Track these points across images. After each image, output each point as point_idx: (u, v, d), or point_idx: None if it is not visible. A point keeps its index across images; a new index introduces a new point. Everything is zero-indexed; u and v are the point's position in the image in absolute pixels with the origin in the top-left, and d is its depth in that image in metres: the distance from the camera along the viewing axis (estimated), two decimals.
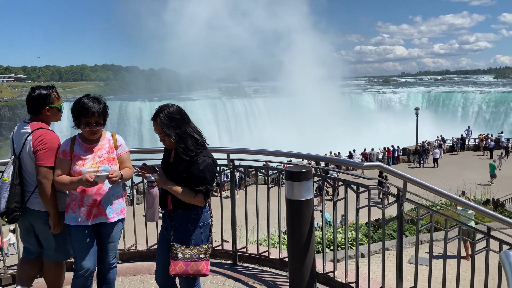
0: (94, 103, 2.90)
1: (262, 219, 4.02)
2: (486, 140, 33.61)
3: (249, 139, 57.81)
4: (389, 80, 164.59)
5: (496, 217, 3.27)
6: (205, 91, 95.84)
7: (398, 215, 3.14)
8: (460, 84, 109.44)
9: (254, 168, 3.93)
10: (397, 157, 31.86)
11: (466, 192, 17.08)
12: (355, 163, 3.26)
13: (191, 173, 2.64)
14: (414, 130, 35.62)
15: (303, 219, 3.21)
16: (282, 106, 63.30)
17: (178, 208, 2.71)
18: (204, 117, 62.11)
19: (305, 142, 47.10)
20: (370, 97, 76.05)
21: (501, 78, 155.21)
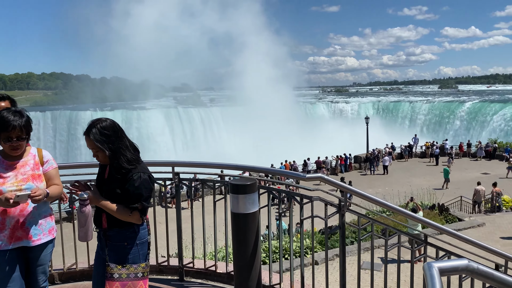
0: (15, 116, 2.67)
1: (210, 233, 3.97)
2: (432, 147, 35.36)
3: (205, 150, 57.35)
4: (342, 90, 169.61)
5: (427, 223, 3.41)
6: (160, 100, 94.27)
7: (340, 225, 3.20)
8: (407, 94, 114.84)
9: (200, 181, 3.88)
10: (349, 165, 32.80)
11: (414, 198, 17.85)
12: (297, 175, 3.29)
13: (126, 190, 2.55)
14: (365, 138, 36.84)
15: (249, 232, 3.20)
16: (239, 115, 63.47)
17: (114, 226, 2.61)
18: (159, 127, 61.01)
19: (261, 151, 47.49)
20: (324, 107, 78.04)
21: (445, 88, 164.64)
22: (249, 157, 44.77)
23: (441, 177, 28.41)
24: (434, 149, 34.30)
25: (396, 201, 20.10)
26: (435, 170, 31.28)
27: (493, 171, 29.44)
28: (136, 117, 61.86)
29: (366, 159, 33.32)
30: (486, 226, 15.00)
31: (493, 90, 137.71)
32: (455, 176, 27.94)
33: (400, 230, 3.26)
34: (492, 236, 14.01)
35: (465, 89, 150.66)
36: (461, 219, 15.92)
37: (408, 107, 70.38)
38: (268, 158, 35.16)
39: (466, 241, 3.30)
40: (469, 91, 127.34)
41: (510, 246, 12.89)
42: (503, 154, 33.00)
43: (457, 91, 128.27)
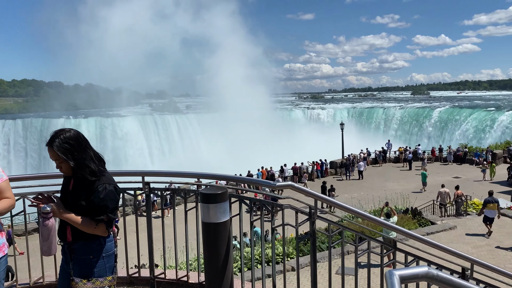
0: None
1: (182, 243, 3.92)
2: (405, 152, 36.12)
3: (183, 157, 56.83)
4: (317, 97, 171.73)
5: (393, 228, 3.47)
6: (135, 107, 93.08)
7: (311, 232, 3.22)
8: (381, 100, 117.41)
9: (171, 191, 3.83)
10: (325, 170, 33.12)
11: (389, 203, 18.15)
12: (268, 183, 3.30)
13: (91, 202, 2.50)
14: (340, 143, 37.30)
15: (220, 242, 3.17)
16: (216, 121, 63.29)
17: (79, 239, 2.54)
18: (134, 134, 60.13)
19: (239, 157, 47.40)
20: (300, 113, 78.75)
21: (417, 94, 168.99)
22: (227, 163, 44.69)
23: (414, 181, 29.07)
24: (407, 154, 35.05)
25: (371, 205, 20.45)
26: (409, 174, 31.95)
27: (464, 174, 30.29)
28: (111, 125, 60.80)
29: (341, 165, 33.74)
30: (458, 229, 15.38)
31: (463, 96, 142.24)
32: (428, 180, 28.58)
33: (370, 236, 3.31)
34: (463, 238, 14.38)
35: (437, 95, 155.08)
36: (433, 223, 16.28)
37: (382, 113, 71.87)
38: (246, 164, 35.16)
39: (433, 246, 3.37)
40: (440, 97, 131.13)
41: (481, 248, 13.27)
42: (473, 158, 34.02)
43: (429, 97, 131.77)
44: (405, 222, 15.77)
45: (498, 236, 14.37)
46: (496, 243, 13.65)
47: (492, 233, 14.36)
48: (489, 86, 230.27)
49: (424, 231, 15.02)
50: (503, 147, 35.63)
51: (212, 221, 3.10)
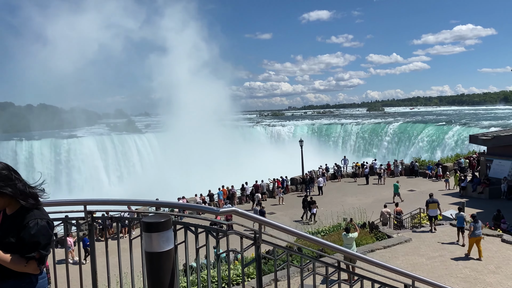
0: None
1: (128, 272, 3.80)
2: (362, 167, 37.10)
3: (142, 178, 55.53)
4: (278, 114, 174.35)
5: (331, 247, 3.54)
6: (92, 127, 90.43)
7: (256, 257, 3.22)
8: (339, 116, 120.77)
9: (115, 220, 3.73)
10: (286, 187, 33.35)
11: (352, 219, 18.50)
12: (211, 209, 3.28)
13: (21, 238, 2.38)
14: (300, 160, 37.77)
15: (164, 272, 3.10)
16: (175, 140, 62.40)
17: (8, 278, 2.41)
18: (91, 155, 58.23)
19: (200, 176, 46.87)
20: (261, 130, 79.41)
21: (372, 110, 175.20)
22: (187, 182, 44.05)
23: (371, 195, 29.85)
24: (364, 169, 36.02)
25: (329, 221, 20.74)
26: (366, 189, 32.76)
27: (418, 187, 31.43)
28: (66, 146, 58.62)
29: (302, 181, 34.14)
30: (413, 242, 15.85)
31: (416, 111, 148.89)
32: (384, 194, 29.42)
33: (315, 258, 3.35)
34: (418, 250, 14.83)
35: (391, 111, 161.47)
36: (390, 236, 16.68)
37: (340, 129, 73.81)
38: (207, 183, 34.82)
39: (376, 265, 3.45)
40: (394, 113, 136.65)
41: (434, 259, 13.73)
42: (426, 172, 35.43)
43: (383, 113, 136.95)
44: (362, 237, 16.08)
45: (451, 247, 14.96)
46: (449, 254, 14.18)
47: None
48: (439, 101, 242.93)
49: (381, 244, 15.38)
50: (453, 160, 37.37)
51: (155, 251, 3.03)
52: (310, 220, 24.62)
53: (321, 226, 19.91)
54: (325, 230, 18.82)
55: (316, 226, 21.47)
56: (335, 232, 17.71)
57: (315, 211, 24.86)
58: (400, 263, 13.34)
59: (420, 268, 12.78)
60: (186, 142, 60.04)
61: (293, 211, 27.45)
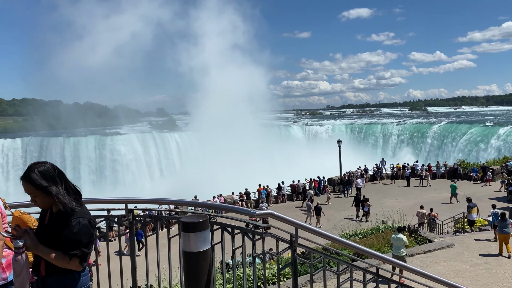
0: None
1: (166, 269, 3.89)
2: (403, 169, 36.07)
3: (181, 175, 56.68)
4: (316, 113, 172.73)
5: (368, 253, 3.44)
6: (135, 125, 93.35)
7: (292, 261, 3.20)
8: (379, 116, 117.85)
9: (155, 218, 3.83)
10: (323, 187, 32.97)
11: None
12: (247, 211, 3.29)
13: (65, 236, 2.47)
14: (338, 160, 37.25)
15: (200, 272, 3.14)
16: (214, 139, 63.18)
17: (52, 274, 2.51)
18: (133, 152, 60.12)
19: (237, 175, 47.19)
20: (298, 129, 78.85)
21: (415, 110, 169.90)
22: (225, 181, 44.47)
23: (412, 198, 28.98)
24: (405, 171, 35.02)
25: (364, 225, 20.33)
26: (407, 191, 31.83)
27: (462, 191, 30.14)
28: (110, 143, 60.86)
29: (340, 182, 33.64)
30: (455, 247, 15.24)
31: (461, 111, 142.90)
32: (426, 197, 28.49)
33: (352, 264, 3.29)
34: (461, 256, 14.24)
35: (434, 111, 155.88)
36: (431, 240, 16.12)
37: (380, 129, 72.01)
38: (245, 181, 35.04)
39: (414, 272, 3.34)
40: (437, 113, 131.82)
41: (479, 266, 13.14)
42: (471, 174, 33.95)
43: (426, 113, 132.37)
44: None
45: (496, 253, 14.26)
46: (495, 261, 13.53)
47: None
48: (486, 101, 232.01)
49: (421, 249, 14.89)
50: (500, 162, 35.59)
51: (192, 250, 3.08)
52: (363, 218, 24.76)
53: (359, 229, 19.54)
54: (363, 232, 18.44)
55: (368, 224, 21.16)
56: (374, 235, 17.31)
57: (367, 209, 24.79)
58: (442, 269, 12.85)
59: (463, 275, 12.27)
60: (224, 141, 60.64)
61: (340, 209, 27.12)
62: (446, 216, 20.88)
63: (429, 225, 20.30)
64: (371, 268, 3.47)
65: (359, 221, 24.13)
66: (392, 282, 3.29)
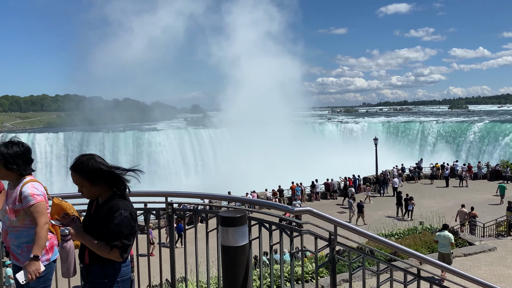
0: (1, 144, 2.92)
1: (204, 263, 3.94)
2: (442, 169, 34.91)
3: (215, 171, 57.36)
4: (351, 110, 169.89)
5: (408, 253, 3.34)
6: (171, 121, 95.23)
7: (331, 259, 3.16)
8: (418, 114, 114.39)
9: (193, 212, 3.88)
10: (358, 186, 32.43)
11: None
12: (286, 208, 3.27)
13: (106, 227, 2.54)
14: (374, 159, 36.49)
15: (238, 266, 3.16)
16: (247, 135, 63.43)
17: (95, 262, 2.59)
18: (169, 148, 61.41)
19: (270, 172, 47.23)
20: (333, 127, 77.80)
21: (455, 108, 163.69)
22: (258, 178, 44.61)
23: (451, 199, 28.02)
24: (445, 171, 33.89)
25: (405, 224, 19.84)
26: (446, 192, 30.80)
27: (506, 192, 28.85)
28: (147, 138, 62.45)
29: (376, 181, 32.97)
30: (498, 251, 14.60)
31: (505, 110, 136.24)
32: (465, 198, 27.48)
33: (393, 265, 3.21)
34: (503, 261, 13.64)
35: (476, 109, 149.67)
36: (471, 243, 15.51)
37: (418, 127, 69.86)
38: (277, 178, 34.96)
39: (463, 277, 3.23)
40: (479, 111, 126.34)
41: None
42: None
43: (467, 111, 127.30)
44: None
45: None
46: None
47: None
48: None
49: (461, 251, 14.36)
50: None
51: (230, 245, 3.11)
52: (406, 217, 24.42)
53: (395, 229, 19.08)
54: (399, 233, 17.99)
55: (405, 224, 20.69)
56: (410, 235, 16.86)
57: (411, 207, 24.35)
58: (483, 273, 12.35)
59: (506, 281, 11.74)
60: (256, 137, 60.75)
61: (376, 209, 26.64)
62: (488, 219, 20.04)
63: (470, 226, 19.58)
64: (410, 268, 3.38)
65: (402, 220, 23.66)
66: (435, 284, 3.19)
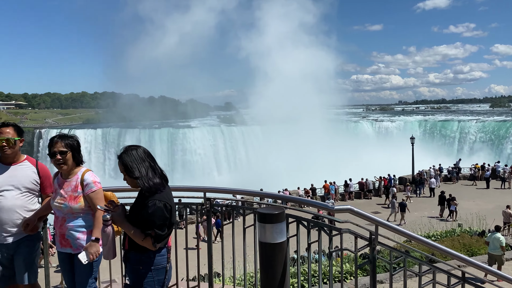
0: (60, 137, 3.12)
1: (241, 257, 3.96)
2: (483, 169, 33.58)
3: (247, 169, 57.64)
4: (386, 109, 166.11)
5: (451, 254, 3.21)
6: (204, 119, 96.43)
7: (371, 259, 3.10)
8: (456, 112, 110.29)
9: (231, 208, 3.91)
10: (393, 186, 31.68)
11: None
12: (325, 206, 3.24)
13: (141, 216, 2.65)
14: (410, 158, 35.55)
15: (276, 263, 3.15)
16: (279, 133, 63.24)
17: (132, 249, 2.73)
18: (202, 145, 62.27)
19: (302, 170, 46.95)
20: (368, 125, 76.33)
21: (496, 107, 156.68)
22: (289, 175, 44.48)
23: (492, 201, 26.91)
24: (485, 172, 32.57)
25: (442, 225, 19.25)
26: (486, 193, 29.62)
27: None
28: (181, 135, 63.60)
29: (412, 181, 32.10)
30: None
31: None
32: (508, 200, 26.27)
33: (436, 267, 3.11)
34: None
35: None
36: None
37: (457, 126, 67.41)
38: (309, 177, 34.70)
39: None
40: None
41: None
42: None
43: (510, 110, 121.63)
44: (481, 246, 14.58)
45: None
46: None
47: None
48: None
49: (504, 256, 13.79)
50: None
51: (268, 241, 3.10)
52: (449, 217, 23.84)
53: (432, 230, 18.56)
54: (436, 235, 17.47)
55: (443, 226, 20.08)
56: (448, 238, 16.34)
57: (454, 208, 23.74)
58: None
59: None
60: (289, 135, 60.51)
61: (412, 209, 25.98)
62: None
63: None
64: (453, 271, 3.27)
65: (446, 221, 23.06)
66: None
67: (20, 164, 3.36)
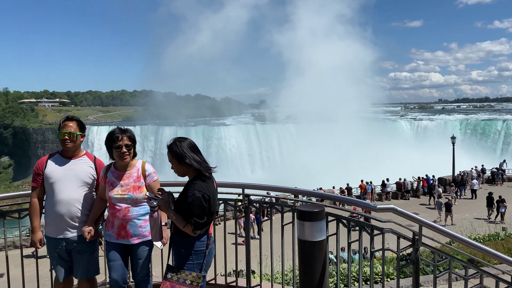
0: (121, 130, 3.27)
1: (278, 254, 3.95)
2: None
3: (280, 167, 57.51)
4: (426, 107, 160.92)
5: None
6: (239, 117, 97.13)
7: (414, 260, 3.01)
8: (501, 111, 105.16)
9: (269, 204, 3.90)
10: (432, 187, 30.68)
11: None
12: (368, 205, 3.17)
13: (182, 204, 2.87)
14: (450, 158, 34.30)
15: (315, 261, 3.12)
16: (314, 131, 62.62)
17: (176, 233, 2.95)
18: (236, 143, 62.69)
19: (337, 169, 46.37)
20: (406, 124, 74.26)
21: None
22: (324, 175, 44.01)
23: None
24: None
25: (485, 228, 18.44)
26: None
27: None
28: (217, 133, 64.32)
29: (453, 182, 30.96)
30: None
31: None
32: None
33: (484, 271, 2.97)
34: None
35: None
36: None
37: (501, 126, 64.32)
38: (344, 175, 34.22)
39: None
40: None
41: None
42: None
43: None
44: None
45: None
46: None
47: None
48: None
49: None
50: None
51: (307, 239, 3.07)
52: (497, 219, 23.01)
53: (474, 234, 17.81)
54: (479, 238, 16.76)
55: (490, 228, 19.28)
56: (491, 242, 15.63)
57: (504, 210, 22.85)
58: None
59: None
60: (324, 134, 59.86)
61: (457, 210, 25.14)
62: None
63: None
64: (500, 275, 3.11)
65: (492, 222, 22.16)
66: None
67: (79, 159, 3.49)
